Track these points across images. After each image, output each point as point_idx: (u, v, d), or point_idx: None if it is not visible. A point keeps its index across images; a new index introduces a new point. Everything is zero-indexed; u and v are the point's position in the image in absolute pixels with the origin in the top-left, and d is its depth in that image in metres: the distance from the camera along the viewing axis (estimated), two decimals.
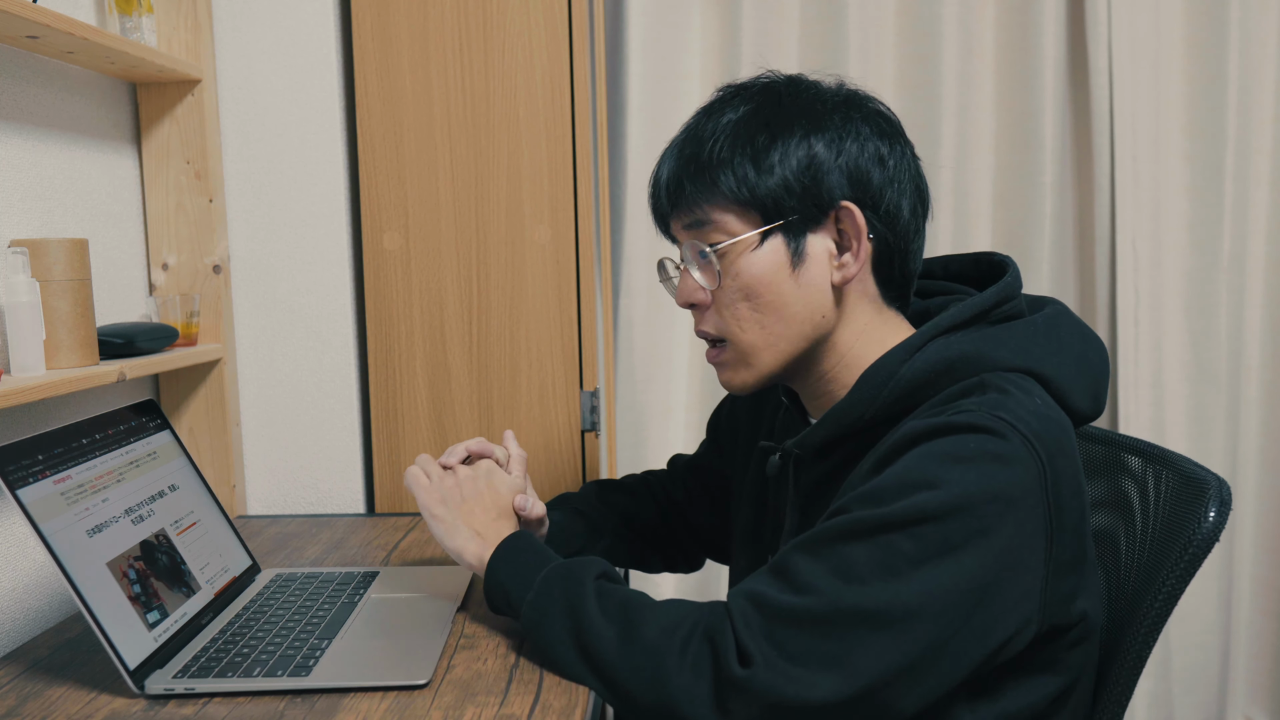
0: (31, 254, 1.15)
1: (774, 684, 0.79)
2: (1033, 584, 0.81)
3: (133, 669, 0.91)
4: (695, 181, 0.94)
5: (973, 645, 0.80)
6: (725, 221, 0.93)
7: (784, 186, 0.91)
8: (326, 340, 1.61)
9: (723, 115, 0.94)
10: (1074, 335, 0.95)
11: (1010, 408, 0.83)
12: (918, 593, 0.78)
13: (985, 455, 0.80)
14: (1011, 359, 0.90)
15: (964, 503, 0.79)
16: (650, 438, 2.03)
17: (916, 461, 0.82)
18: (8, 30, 1.12)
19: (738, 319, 0.95)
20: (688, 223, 0.96)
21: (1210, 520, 0.88)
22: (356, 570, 1.23)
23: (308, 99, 1.56)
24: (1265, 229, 2.09)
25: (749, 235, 0.92)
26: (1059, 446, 0.83)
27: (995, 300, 0.93)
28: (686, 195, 0.95)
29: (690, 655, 0.83)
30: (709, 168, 0.93)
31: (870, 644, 0.78)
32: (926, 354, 0.90)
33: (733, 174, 0.92)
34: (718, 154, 0.93)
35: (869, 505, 0.82)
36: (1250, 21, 2.01)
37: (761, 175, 0.91)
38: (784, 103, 0.94)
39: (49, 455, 0.96)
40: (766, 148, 0.91)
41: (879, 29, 2.01)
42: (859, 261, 0.93)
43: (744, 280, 0.93)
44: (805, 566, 0.82)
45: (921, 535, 0.79)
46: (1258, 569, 2.16)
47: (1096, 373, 0.95)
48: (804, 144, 0.91)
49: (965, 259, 1.06)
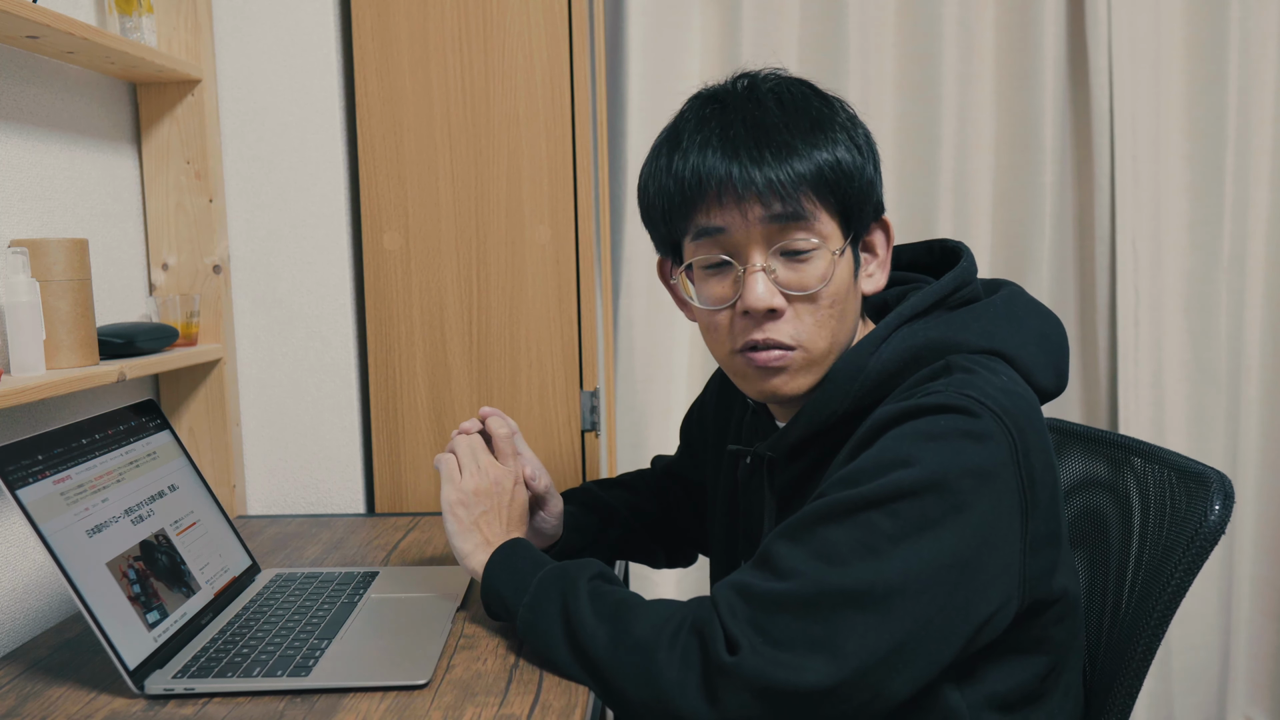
0: (31, 254, 1.15)
1: (762, 669, 0.79)
2: (1011, 558, 0.82)
3: (132, 669, 0.91)
4: (791, 165, 0.87)
5: (958, 621, 0.80)
6: (821, 219, 0.90)
7: (868, 187, 0.92)
8: (326, 340, 1.61)
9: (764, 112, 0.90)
10: (1032, 314, 0.96)
11: (979, 386, 0.84)
12: (899, 570, 0.78)
13: (958, 433, 0.81)
14: (976, 341, 0.91)
15: (939, 479, 0.80)
16: (650, 438, 2.03)
17: (891, 443, 0.83)
18: (8, 30, 1.12)
19: (821, 325, 0.91)
20: (777, 213, 0.88)
21: (1216, 513, 0.89)
22: (356, 570, 1.23)
23: (308, 99, 1.56)
24: (1265, 229, 2.09)
25: (842, 242, 0.92)
26: (1029, 421, 0.84)
27: (953, 286, 0.94)
28: (784, 181, 0.87)
29: (679, 648, 0.83)
30: (804, 151, 0.88)
31: (855, 624, 0.78)
32: (892, 344, 0.91)
33: (834, 163, 0.88)
34: (809, 142, 0.88)
35: (845, 487, 0.82)
36: (1250, 21, 2.01)
37: (854, 168, 0.90)
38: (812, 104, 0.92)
39: (49, 455, 0.96)
40: (847, 143, 0.90)
41: (879, 29, 2.01)
42: (886, 271, 0.96)
43: (835, 286, 0.91)
44: (787, 552, 0.82)
45: (899, 512, 0.79)
46: (1258, 569, 2.16)
47: (1057, 350, 0.96)
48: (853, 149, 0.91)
49: (918, 247, 1.07)
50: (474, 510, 1.06)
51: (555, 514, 1.17)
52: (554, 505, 1.17)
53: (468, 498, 1.06)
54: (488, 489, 1.07)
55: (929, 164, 2.02)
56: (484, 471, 1.08)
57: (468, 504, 1.06)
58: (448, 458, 1.09)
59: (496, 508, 1.07)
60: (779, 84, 0.94)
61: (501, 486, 1.08)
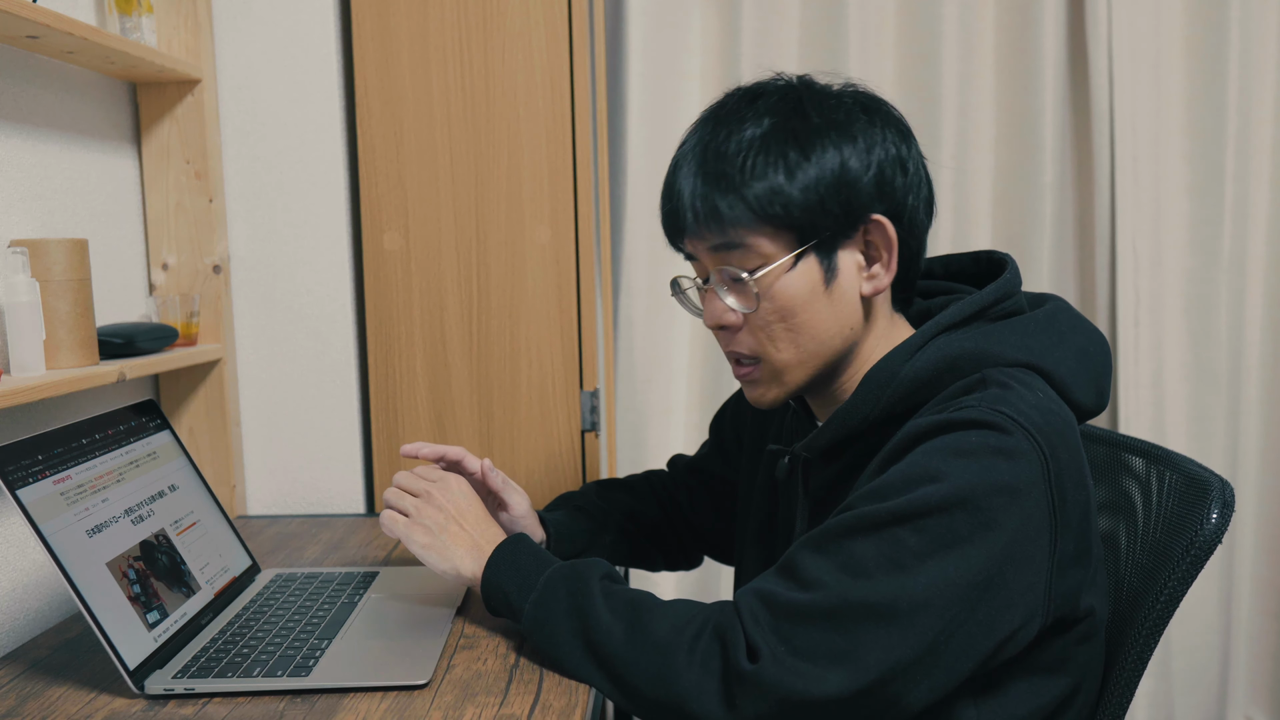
0: (31, 254, 1.15)
1: (781, 679, 0.79)
2: (1037, 577, 0.81)
3: (132, 669, 0.91)
4: (727, 200, 0.89)
5: (979, 638, 0.80)
6: (758, 243, 0.90)
7: (819, 204, 0.89)
8: (326, 340, 1.61)
9: (743, 127, 0.90)
10: (1074, 329, 0.95)
11: (1012, 402, 0.83)
12: (924, 586, 0.78)
13: (988, 449, 0.81)
14: (1013, 354, 0.90)
15: (968, 495, 0.79)
16: (650, 438, 2.03)
17: (920, 457, 0.82)
18: (8, 30, 1.12)
19: (773, 339, 0.93)
20: (716, 244, 0.92)
21: (1213, 522, 0.87)
22: (356, 570, 1.23)
23: (308, 99, 1.56)
24: (1265, 229, 2.09)
25: (784, 258, 0.90)
26: (1062, 440, 0.84)
27: (995, 297, 0.93)
28: (719, 215, 0.90)
29: (700, 652, 0.83)
30: (740, 186, 0.89)
31: (878, 637, 0.78)
32: (928, 352, 0.90)
33: (768, 192, 0.88)
34: (750, 172, 0.89)
35: (874, 501, 0.82)
36: (1250, 21, 2.01)
37: (798, 193, 0.88)
38: (807, 111, 0.91)
39: (49, 455, 0.96)
40: (800, 163, 0.88)
41: (879, 29, 2.01)
42: (890, 272, 0.93)
43: (780, 302, 0.91)
44: (812, 562, 0.82)
45: (926, 528, 0.79)
46: (1258, 569, 2.16)
47: (1098, 366, 0.94)
48: (836, 155, 0.89)
49: (965, 258, 1.06)
50: (437, 532, 1.04)
51: (523, 513, 1.16)
52: (518, 505, 1.16)
53: (430, 537, 1.04)
54: (437, 515, 1.05)
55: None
56: (423, 504, 1.06)
57: (430, 530, 1.04)
58: (384, 515, 1.07)
59: (458, 514, 1.05)
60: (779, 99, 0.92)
61: (448, 493, 1.07)
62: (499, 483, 1.15)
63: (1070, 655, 0.88)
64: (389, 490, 1.10)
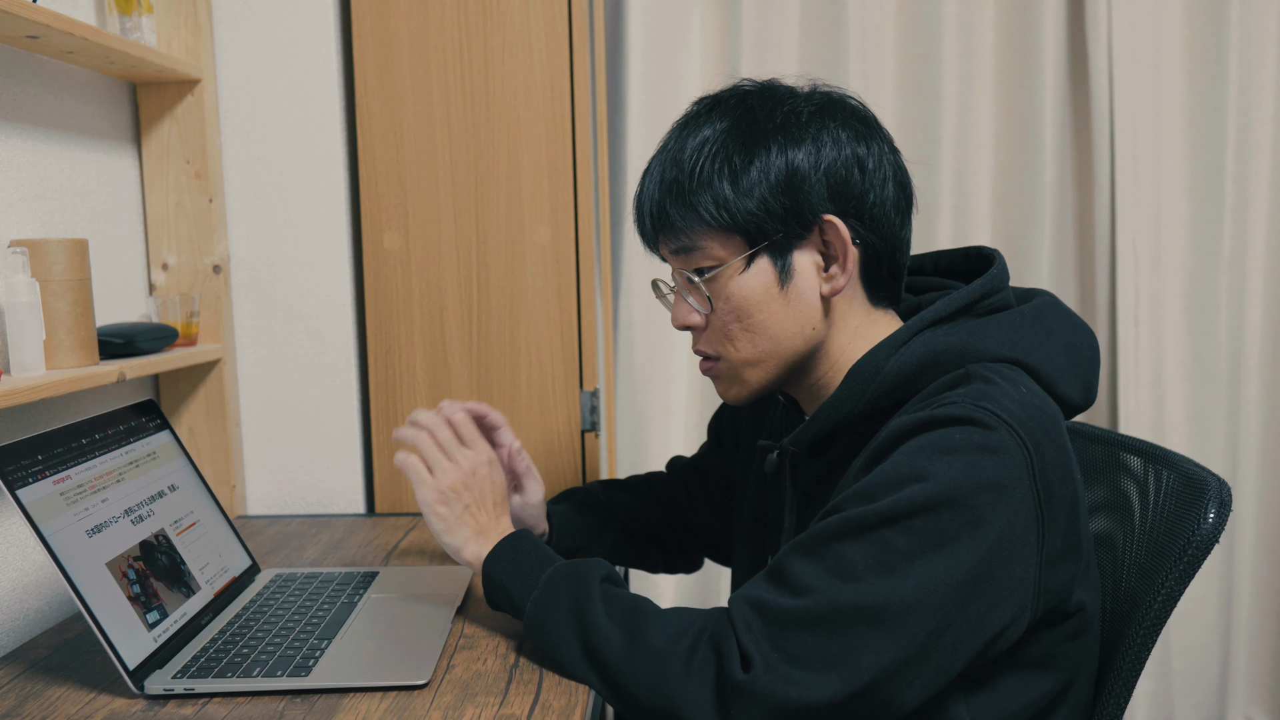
0: (31, 254, 1.15)
1: (775, 687, 0.80)
2: (1026, 573, 0.82)
3: (132, 669, 0.91)
4: (678, 208, 0.94)
5: (970, 635, 0.80)
6: (710, 247, 0.93)
7: (764, 208, 0.91)
8: (326, 340, 1.61)
9: (699, 132, 0.94)
10: (1062, 324, 0.95)
11: (995, 398, 0.84)
12: (914, 587, 0.79)
13: (971, 446, 0.81)
14: (997, 349, 0.90)
15: (954, 494, 0.80)
16: (650, 438, 2.03)
17: (905, 457, 0.83)
18: (8, 30, 1.12)
19: (730, 339, 0.96)
20: (674, 248, 0.96)
21: (1210, 522, 0.87)
22: (356, 570, 1.23)
23: (308, 99, 1.56)
24: (1265, 229, 2.09)
25: (735, 261, 0.93)
26: (1046, 434, 0.84)
27: (981, 292, 0.93)
28: (671, 222, 0.94)
29: (696, 661, 0.84)
30: (689, 194, 0.92)
31: (870, 641, 0.79)
32: (912, 347, 0.90)
33: (712, 199, 0.91)
34: (697, 179, 0.92)
35: (861, 503, 0.82)
36: (1250, 21, 2.01)
37: (741, 198, 0.91)
38: (757, 117, 0.92)
39: (49, 455, 0.96)
40: (744, 168, 0.91)
41: (879, 29, 2.01)
42: (847, 273, 0.93)
43: (735, 303, 0.94)
44: (801, 568, 0.82)
45: (914, 529, 0.79)
46: (1258, 569, 2.16)
47: (1086, 361, 0.95)
48: (781, 159, 0.90)
49: (955, 254, 1.06)
50: (456, 507, 1.05)
51: (535, 503, 1.18)
52: (533, 493, 1.17)
53: (447, 495, 1.05)
54: (465, 481, 1.06)
55: (929, 164, 2.02)
56: (457, 464, 1.06)
57: (449, 501, 1.05)
58: (411, 459, 1.07)
59: (479, 498, 1.07)
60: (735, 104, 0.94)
61: (478, 475, 1.07)
62: (523, 467, 1.18)
63: (1061, 651, 0.88)
64: (420, 434, 1.08)
